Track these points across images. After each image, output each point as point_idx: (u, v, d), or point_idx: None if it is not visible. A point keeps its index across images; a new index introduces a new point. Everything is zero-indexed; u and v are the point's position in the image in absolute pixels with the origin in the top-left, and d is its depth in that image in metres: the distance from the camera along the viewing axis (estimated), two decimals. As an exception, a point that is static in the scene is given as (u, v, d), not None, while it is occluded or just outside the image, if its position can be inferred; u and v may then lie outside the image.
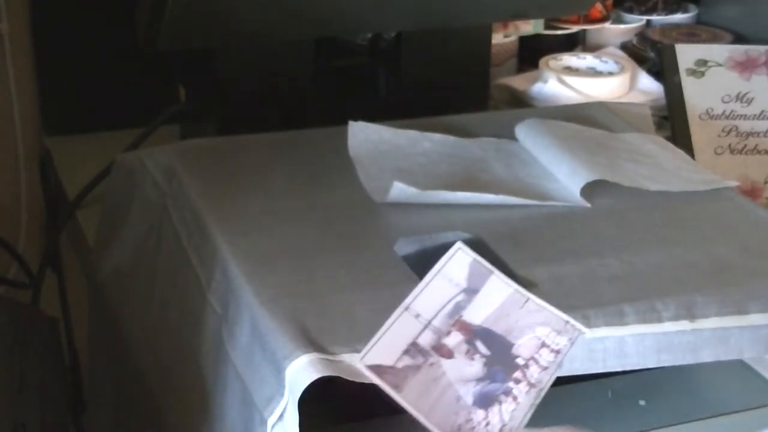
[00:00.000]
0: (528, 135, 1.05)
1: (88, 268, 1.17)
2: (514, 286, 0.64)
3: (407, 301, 0.63)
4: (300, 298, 0.79)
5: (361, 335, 0.74)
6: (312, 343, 0.73)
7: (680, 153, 1.08)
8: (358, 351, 0.73)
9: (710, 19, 1.62)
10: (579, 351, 0.65)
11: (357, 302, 0.79)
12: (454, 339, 0.61)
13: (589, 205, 0.95)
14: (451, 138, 1.06)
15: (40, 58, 1.40)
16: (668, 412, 0.86)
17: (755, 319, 0.80)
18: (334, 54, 1.19)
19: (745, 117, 1.33)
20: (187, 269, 0.90)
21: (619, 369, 0.75)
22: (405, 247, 0.87)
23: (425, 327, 0.62)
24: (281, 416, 0.72)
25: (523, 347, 0.61)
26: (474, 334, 0.61)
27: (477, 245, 0.87)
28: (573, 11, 1.48)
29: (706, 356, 0.79)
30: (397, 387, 0.60)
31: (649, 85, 1.42)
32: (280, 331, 0.74)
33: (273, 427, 0.73)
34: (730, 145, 1.30)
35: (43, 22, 1.37)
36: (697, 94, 1.34)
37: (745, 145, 1.30)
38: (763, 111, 1.33)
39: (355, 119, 1.04)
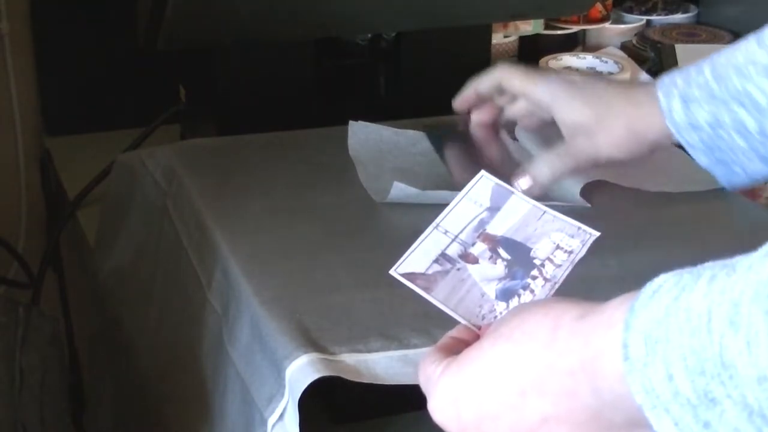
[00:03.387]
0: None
1: (88, 268, 1.17)
2: (533, 201, 0.72)
3: (437, 220, 0.71)
4: (300, 297, 0.79)
5: (361, 335, 0.74)
6: (312, 342, 0.73)
7: (680, 153, 1.08)
8: (358, 351, 0.73)
9: (710, 19, 1.62)
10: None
11: (357, 302, 0.79)
12: (479, 248, 0.70)
13: (589, 205, 0.95)
14: None
15: (40, 59, 1.40)
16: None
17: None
18: (334, 54, 1.19)
19: (745, 117, 1.32)
20: (187, 269, 0.90)
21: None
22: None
23: (453, 240, 0.70)
24: (281, 416, 0.72)
25: (539, 250, 0.69)
26: (497, 242, 0.70)
27: None
28: (573, 11, 1.48)
29: (706, 356, 0.79)
30: (427, 289, 0.68)
31: (649, 85, 1.42)
32: (280, 331, 0.74)
33: (273, 426, 0.73)
34: (730, 145, 1.30)
35: (43, 22, 1.37)
36: (697, 94, 1.33)
37: (745, 145, 1.30)
38: (763, 111, 1.33)
39: (355, 119, 1.04)
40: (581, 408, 0.55)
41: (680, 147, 0.86)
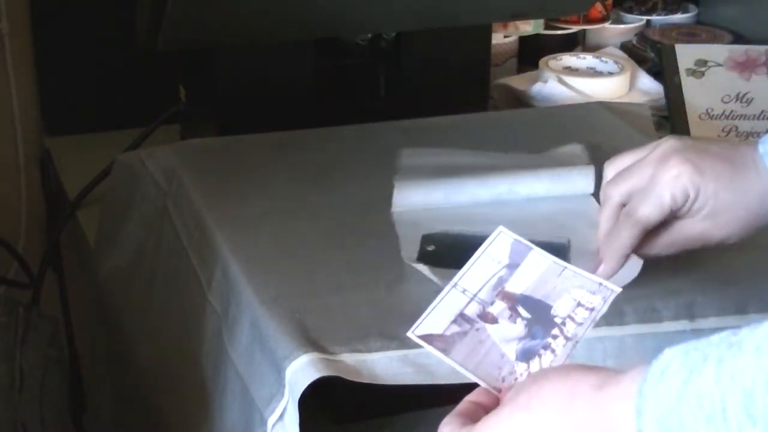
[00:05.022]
0: None
1: (88, 268, 1.17)
2: (552, 258, 0.70)
3: (455, 279, 0.70)
4: (300, 297, 0.79)
5: (361, 335, 0.74)
6: (312, 342, 0.73)
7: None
8: (358, 351, 0.73)
9: (710, 19, 1.62)
10: (579, 351, 0.66)
11: (357, 302, 0.79)
12: (498, 307, 0.68)
13: (592, 202, 0.95)
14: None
15: (40, 59, 1.40)
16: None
17: (755, 318, 0.80)
18: (334, 54, 1.19)
19: (745, 117, 1.33)
20: (187, 269, 0.90)
21: (618, 369, 0.75)
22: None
23: (471, 299, 0.69)
24: (281, 416, 0.72)
25: (560, 308, 0.67)
26: (516, 301, 0.68)
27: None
28: (573, 11, 1.48)
29: (706, 356, 0.79)
30: (445, 350, 0.66)
31: (649, 85, 1.42)
32: (280, 331, 0.74)
33: (273, 426, 0.73)
34: (730, 145, 1.30)
35: (43, 22, 1.37)
36: (697, 95, 1.34)
37: (745, 145, 1.30)
38: (763, 111, 1.33)
39: (356, 119, 1.03)
40: None
41: None
